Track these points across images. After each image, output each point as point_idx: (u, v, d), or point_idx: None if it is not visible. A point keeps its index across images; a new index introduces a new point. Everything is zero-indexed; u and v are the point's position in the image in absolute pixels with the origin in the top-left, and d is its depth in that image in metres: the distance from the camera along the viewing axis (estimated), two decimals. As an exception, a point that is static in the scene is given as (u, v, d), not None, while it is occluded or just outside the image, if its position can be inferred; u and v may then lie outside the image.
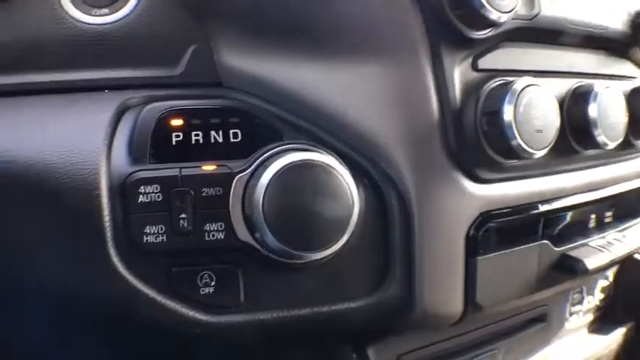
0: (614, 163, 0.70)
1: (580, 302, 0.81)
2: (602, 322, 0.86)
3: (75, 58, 0.55)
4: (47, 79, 0.55)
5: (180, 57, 0.56)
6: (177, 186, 0.48)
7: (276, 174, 0.47)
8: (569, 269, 0.62)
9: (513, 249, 0.58)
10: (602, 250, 0.65)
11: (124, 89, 0.54)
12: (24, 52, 0.55)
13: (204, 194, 0.49)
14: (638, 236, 0.73)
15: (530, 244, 0.60)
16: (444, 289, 0.56)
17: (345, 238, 0.49)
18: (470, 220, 0.56)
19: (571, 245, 0.64)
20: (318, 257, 0.49)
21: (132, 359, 0.61)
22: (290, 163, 0.48)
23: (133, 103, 0.53)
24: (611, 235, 0.69)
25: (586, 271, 0.61)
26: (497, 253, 0.57)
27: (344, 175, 0.49)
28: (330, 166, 0.48)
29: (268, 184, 0.47)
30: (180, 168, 0.49)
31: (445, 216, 0.54)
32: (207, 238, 0.49)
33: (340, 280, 0.54)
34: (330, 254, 0.50)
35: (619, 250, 0.67)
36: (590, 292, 0.83)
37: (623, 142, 0.68)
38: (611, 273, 0.85)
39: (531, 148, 0.53)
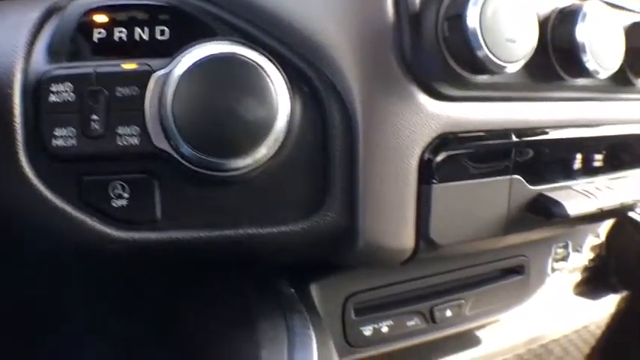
0: (611, 100, 0.62)
1: (564, 259, 0.74)
2: (592, 287, 0.78)
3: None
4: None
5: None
6: (92, 84, 0.43)
7: (187, 68, 0.42)
8: (545, 212, 0.55)
9: (477, 180, 0.51)
10: (587, 196, 0.57)
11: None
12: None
13: (118, 94, 0.43)
14: (634, 189, 0.64)
15: (498, 177, 0.52)
16: (391, 219, 0.49)
17: (268, 146, 0.43)
18: (425, 142, 0.49)
19: (550, 186, 0.56)
20: (237, 166, 0.43)
21: (50, 276, 0.56)
22: (204, 57, 0.42)
23: (63, 4, 0.47)
24: (601, 181, 0.61)
25: (565, 216, 0.54)
26: (457, 182, 0.50)
27: (269, 72, 0.43)
28: (252, 59, 0.42)
29: (179, 80, 0.42)
30: (97, 65, 0.44)
31: (396, 134, 0.47)
32: (119, 143, 0.44)
33: (270, 200, 0.47)
34: (252, 165, 0.44)
35: (608, 200, 0.59)
36: (577, 249, 0.75)
37: (621, 77, 0.60)
38: (603, 231, 0.78)
39: (500, 59, 0.46)
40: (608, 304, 0.75)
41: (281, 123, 0.43)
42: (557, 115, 0.57)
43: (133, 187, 0.45)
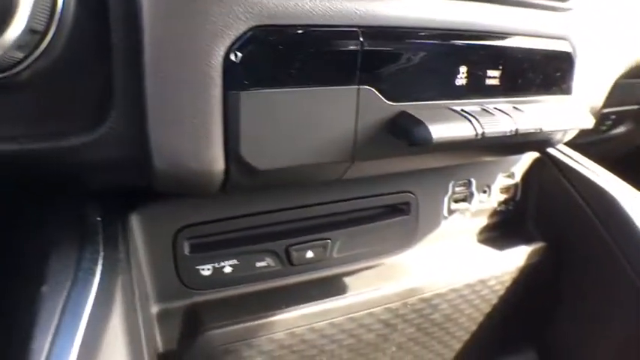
0: (511, 5, 0.51)
1: (466, 199, 0.64)
2: (502, 234, 0.68)
3: None
4: None
5: None
6: None
7: None
8: (404, 134, 0.45)
9: (306, 89, 0.41)
10: (466, 118, 0.47)
11: None
12: None
13: None
14: (545, 117, 0.53)
15: (338, 87, 0.42)
16: (191, 134, 0.40)
17: (15, 34, 0.34)
18: (232, 37, 0.38)
19: (418, 103, 0.46)
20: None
21: None
22: None
23: None
24: (494, 104, 0.51)
25: (427, 141, 0.44)
26: (278, 90, 0.40)
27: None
28: None
29: None
30: None
31: (192, 28, 0.37)
32: None
33: (45, 110, 0.39)
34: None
35: (497, 126, 0.48)
36: (484, 189, 0.65)
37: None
38: (519, 170, 0.67)
39: None
40: (518, 256, 0.65)
41: (25, 9, 0.34)
42: (429, 14, 0.46)
43: None
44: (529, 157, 0.67)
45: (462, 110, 0.48)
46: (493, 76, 0.51)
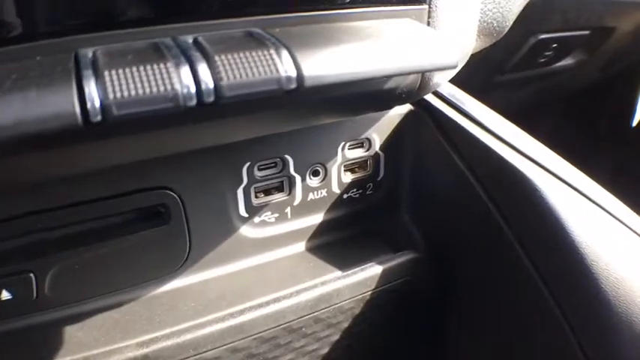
0: None
1: (282, 188, 0.40)
2: (354, 234, 0.44)
3: None
4: None
5: None
6: None
7: None
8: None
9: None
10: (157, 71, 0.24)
11: None
12: None
13: None
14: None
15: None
16: None
17: None
18: None
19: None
20: None
21: None
22: None
23: None
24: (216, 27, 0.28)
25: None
26: None
27: None
28: None
29: None
30: None
31: None
32: None
33: None
34: None
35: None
36: (314, 170, 0.40)
37: None
38: (379, 134, 0.42)
39: None
40: (376, 269, 0.41)
41: None
42: None
43: None
44: (396, 112, 0.42)
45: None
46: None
